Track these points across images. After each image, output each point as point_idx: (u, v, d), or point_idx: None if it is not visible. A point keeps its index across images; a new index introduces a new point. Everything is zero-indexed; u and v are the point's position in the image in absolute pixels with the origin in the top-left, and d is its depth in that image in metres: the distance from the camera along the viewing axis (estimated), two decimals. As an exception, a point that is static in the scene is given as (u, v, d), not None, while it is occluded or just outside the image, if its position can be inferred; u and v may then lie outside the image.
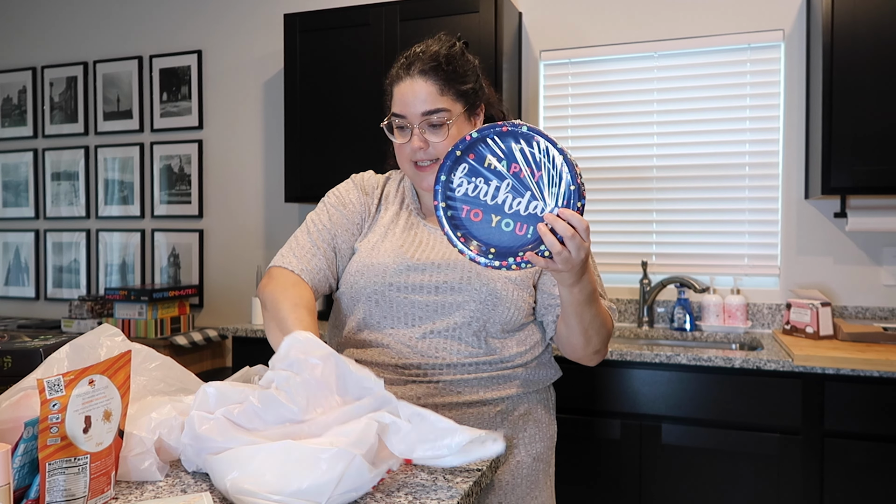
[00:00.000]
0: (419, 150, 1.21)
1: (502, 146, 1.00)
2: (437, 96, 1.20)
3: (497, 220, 1.00)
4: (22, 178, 3.73)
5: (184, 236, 3.40)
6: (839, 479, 2.01)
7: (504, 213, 1.00)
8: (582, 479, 2.24)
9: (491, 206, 1.00)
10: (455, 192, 1.02)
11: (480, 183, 1.01)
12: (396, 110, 1.23)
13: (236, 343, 2.71)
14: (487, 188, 1.00)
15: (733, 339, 2.52)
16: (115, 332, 1.02)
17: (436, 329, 1.20)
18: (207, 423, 0.89)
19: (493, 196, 1.00)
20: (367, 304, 1.23)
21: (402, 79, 1.22)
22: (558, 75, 2.86)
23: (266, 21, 3.27)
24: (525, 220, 0.99)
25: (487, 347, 1.21)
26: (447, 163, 1.02)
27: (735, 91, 2.65)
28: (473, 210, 1.01)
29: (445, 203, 1.02)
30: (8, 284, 3.76)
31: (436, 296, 1.20)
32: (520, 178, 0.99)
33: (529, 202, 0.99)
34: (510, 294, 1.20)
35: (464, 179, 1.02)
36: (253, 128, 3.30)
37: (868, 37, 2.21)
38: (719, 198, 2.67)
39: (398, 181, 1.37)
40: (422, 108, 1.20)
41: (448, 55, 1.23)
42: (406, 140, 1.22)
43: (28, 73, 3.71)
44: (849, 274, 2.54)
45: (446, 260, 1.22)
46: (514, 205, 0.99)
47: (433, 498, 0.85)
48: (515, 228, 1.00)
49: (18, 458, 0.78)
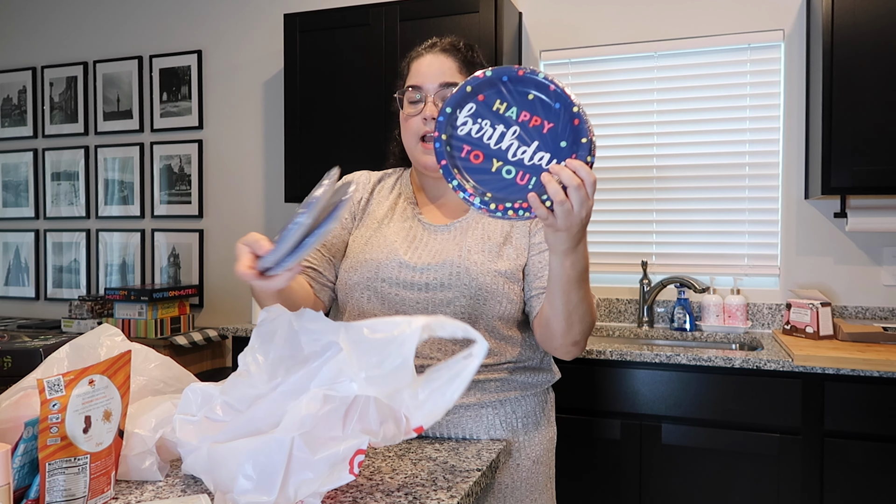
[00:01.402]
0: (431, 119, 1.23)
1: (515, 91, 0.95)
2: (455, 72, 1.25)
3: (499, 165, 0.95)
4: (22, 178, 3.73)
5: (184, 236, 3.40)
6: (839, 479, 2.01)
7: (507, 160, 0.94)
8: (582, 479, 2.24)
9: (494, 150, 0.95)
10: (457, 131, 0.96)
11: (486, 126, 0.95)
12: (413, 82, 1.26)
13: (236, 343, 2.71)
14: (493, 132, 0.95)
15: (733, 339, 2.52)
16: (115, 332, 1.02)
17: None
18: (186, 427, 0.89)
19: (497, 141, 0.95)
20: (360, 300, 1.24)
21: (423, 55, 1.27)
22: (558, 75, 2.86)
23: (266, 21, 3.27)
24: (528, 170, 0.94)
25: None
26: (456, 96, 0.96)
27: (735, 91, 2.65)
28: (474, 151, 0.96)
29: (447, 136, 0.96)
30: (8, 284, 3.76)
31: (426, 293, 1.20)
32: (528, 127, 0.94)
33: (536, 152, 0.94)
34: (500, 287, 1.19)
35: (468, 119, 0.96)
36: (253, 128, 3.31)
37: (868, 37, 2.21)
38: (719, 198, 2.67)
39: (395, 177, 1.38)
40: (440, 80, 1.24)
41: (467, 44, 1.30)
42: (418, 111, 1.25)
43: (28, 73, 3.71)
44: (849, 274, 2.54)
45: (438, 257, 1.23)
46: (518, 153, 0.94)
47: (433, 498, 0.85)
48: (517, 177, 0.94)
49: (18, 458, 0.78)
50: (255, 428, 0.85)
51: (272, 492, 0.77)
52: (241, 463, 0.80)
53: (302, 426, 0.79)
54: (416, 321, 0.83)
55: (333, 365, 0.83)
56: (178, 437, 0.89)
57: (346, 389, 0.81)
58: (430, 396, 0.82)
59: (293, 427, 0.79)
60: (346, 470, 0.78)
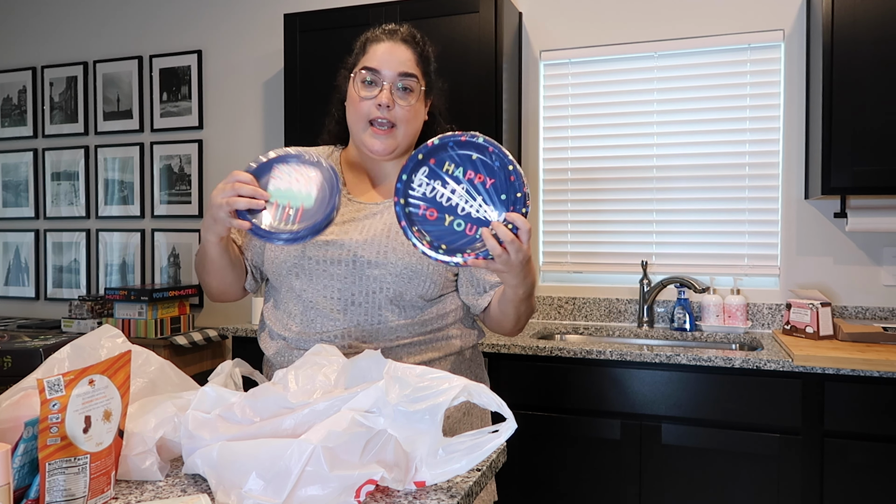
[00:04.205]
0: (385, 107, 1.25)
1: (460, 153, 1.10)
2: (413, 64, 1.28)
3: (450, 220, 1.10)
4: (22, 178, 3.73)
5: (184, 236, 3.40)
6: (839, 479, 2.01)
7: (457, 215, 1.09)
8: (582, 479, 2.24)
9: (446, 206, 1.10)
10: (414, 192, 1.11)
11: (438, 185, 1.10)
12: (371, 65, 1.27)
13: (236, 343, 2.71)
14: (444, 191, 1.10)
15: (733, 339, 2.52)
16: (116, 333, 1.02)
17: (356, 301, 1.24)
18: (200, 422, 0.90)
19: (447, 198, 1.10)
20: (289, 277, 1.28)
21: (383, 40, 1.29)
22: (558, 75, 2.86)
23: (266, 21, 3.27)
24: (475, 222, 1.09)
25: (407, 314, 1.26)
26: (409, 164, 1.10)
27: (735, 91, 2.65)
28: (430, 209, 1.10)
29: (404, 200, 1.10)
30: (8, 284, 3.76)
31: (353, 268, 1.24)
32: (474, 184, 1.09)
33: (480, 206, 1.09)
34: (426, 268, 1.25)
35: (423, 180, 1.11)
36: (253, 128, 3.30)
37: (868, 37, 2.21)
38: (719, 198, 2.67)
39: (325, 155, 1.38)
40: (399, 69, 1.26)
41: (423, 39, 1.33)
42: (373, 95, 1.26)
43: (28, 73, 3.71)
44: (849, 274, 2.54)
45: (365, 235, 1.26)
46: (466, 207, 1.09)
47: (433, 498, 0.85)
48: (466, 229, 1.09)
49: (18, 457, 0.78)
50: (276, 435, 0.86)
51: (280, 495, 0.78)
52: (258, 461, 0.80)
53: (327, 439, 0.80)
54: (458, 380, 0.87)
55: (371, 393, 0.86)
56: (191, 429, 0.89)
57: (374, 421, 0.84)
58: (448, 459, 0.85)
59: (317, 438, 0.80)
60: (352, 495, 0.79)
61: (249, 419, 0.90)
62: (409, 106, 1.27)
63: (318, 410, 0.87)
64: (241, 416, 0.90)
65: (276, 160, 1.15)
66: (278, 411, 0.89)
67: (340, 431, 0.81)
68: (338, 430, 0.81)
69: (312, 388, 0.93)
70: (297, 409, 0.88)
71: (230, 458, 0.83)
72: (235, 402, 0.91)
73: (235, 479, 0.81)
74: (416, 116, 1.31)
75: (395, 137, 1.28)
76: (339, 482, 0.79)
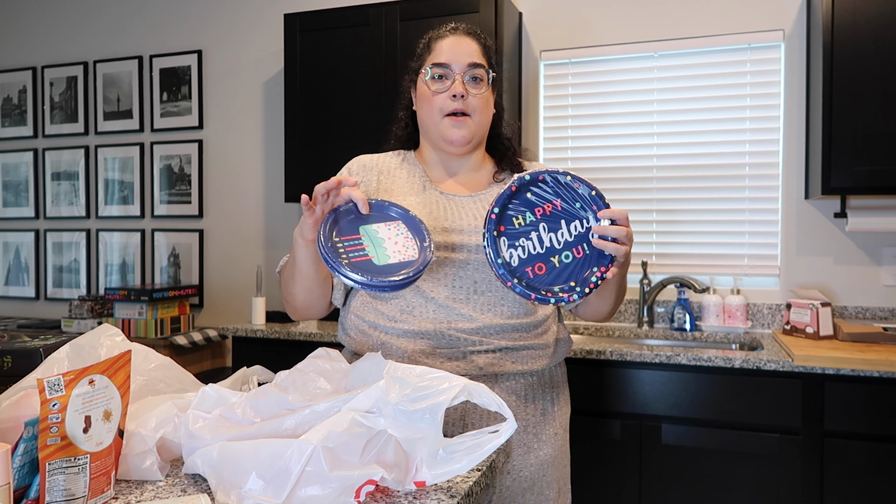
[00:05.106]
0: (459, 97, 1.25)
1: (518, 202, 1.10)
2: (480, 55, 1.30)
3: (557, 259, 1.09)
4: (22, 178, 3.73)
5: (184, 236, 3.40)
6: (839, 479, 2.01)
7: (558, 251, 1.09)
8: (582, 478, 2.24)
9: (544, 253, 1.09)
10: (513, 264, 1.09)
11: (523, 242, 1.09)
12: (440, 60, 1.28)
13: (236, 343, 2.71)
14: (532, 241, 1.09)
15: (733, 340, 2.52)
16: (116, 333, 1.02)
17: (478, 289, 1.22)
18: (201, 422, 0.90)
19: (539, 244, 1.09)
20: None
21: (447, 36, 1.31)
22: (558, 75, 2.86)
23: (266, 21, 3.27)
24: (576, 243, 1.09)
25: (526, 310, 1.25)
26: (492, 245, 1.08)
27: (735, 91, 2.65)
28: (536, 265, 1.09)
29: (516, 279, 1.07)
30: (8, 284, 3.76)
31: (476, 254, 1.23)
32: (548, 216, 1.09)
33: (567, 228, 1.09)
34: None
35: (510, 250, 1.09)
36: (253, 128, 3.30)
37: (868, 37, 2.21)
38: (719, 198, 2.67)
39: (400, 158, 1.38)
40: (468, 60, 1.27)
41: (486, 35, 1.35)
42: (445, 88, 1.27)
43: (28, 73, 3.71)
44: (849, 274, 2.54)
45: (474, 222, 1.25)
46: (559, 238, 1.09)
47: (433, 498, 0.85)
48: (574, 253, 1.09)
49: (18, 457, 0.78)
50: (276, 435, 0.87)
51: (280, 495, 0.78)
52: (258, 461, 0.80)
53: (327, 440, 0.80)
54: (458, 380, 0.87)
55: (371, 393, 0.86)
56: (192, 429, 0.89)
57: (374, 421, 0.84)
58: (448, 459, 0.85)
59: (318, 438, 0.80)
60: (352, 496, 0.79)
61: (250, 419, 0.90)
62: (480, 95, 1.28)
63: (318, 411, 0.87)
64: (241, 417, 0.90)
65: (406, 217, 1.14)
66: (279, 412, 0.89)
67: (340, 432, 0.81)
68: (338, 430, 0.81)
69: (314, 390, 0.93)
70: (298, 410, 0.88)
71: (230, 458, 0.83)
72: (236, 403, 0.92)
73: (235, 479, 0.81)
74: (488, 105, 1.31)
75: (471, 126, 1.28)
76: (339, 482, 0.79)
